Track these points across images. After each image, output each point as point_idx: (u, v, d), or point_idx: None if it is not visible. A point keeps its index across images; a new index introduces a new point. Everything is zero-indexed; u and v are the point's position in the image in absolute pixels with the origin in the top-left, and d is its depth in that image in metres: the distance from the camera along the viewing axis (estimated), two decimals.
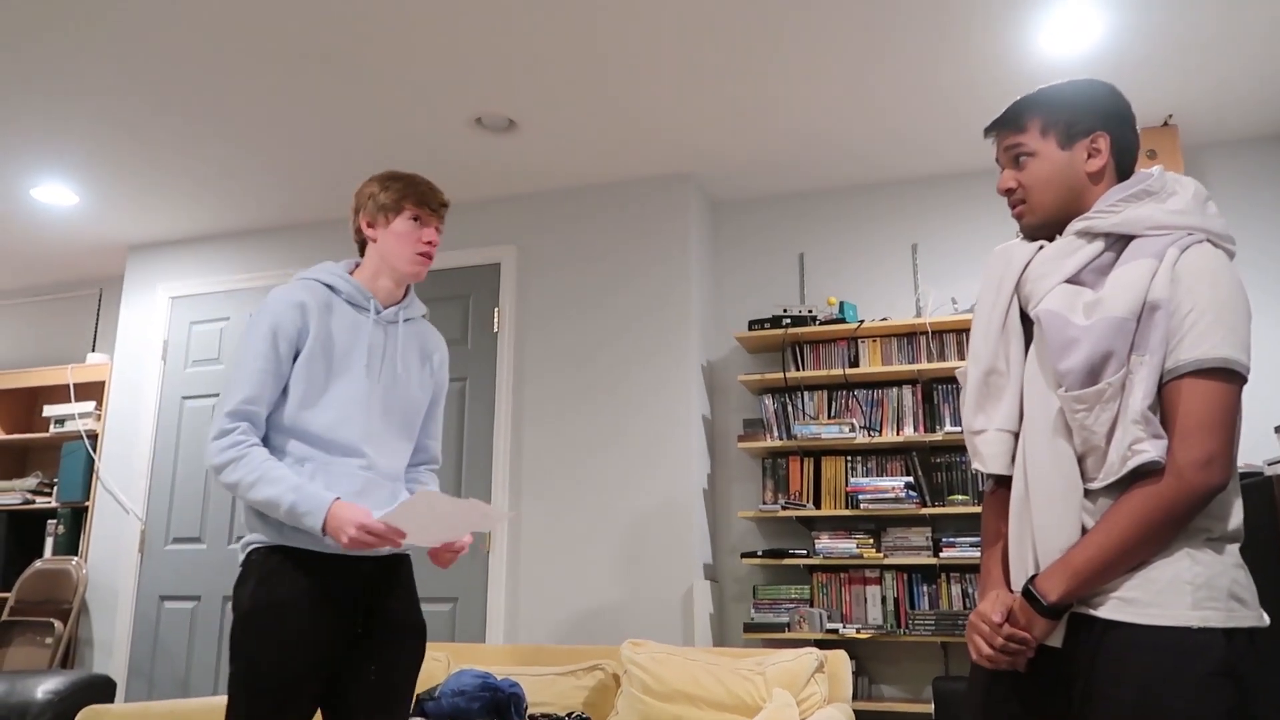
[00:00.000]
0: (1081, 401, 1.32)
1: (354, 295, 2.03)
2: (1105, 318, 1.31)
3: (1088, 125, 1.44)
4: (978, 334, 1.48)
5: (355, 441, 1.96)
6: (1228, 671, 1.23)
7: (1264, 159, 3.88)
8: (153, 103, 3.62)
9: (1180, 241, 1.34)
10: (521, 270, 4.38)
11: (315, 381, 1.94)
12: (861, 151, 4.03)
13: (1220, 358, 1.28)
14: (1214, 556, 1.29)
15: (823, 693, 3.09)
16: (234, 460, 1.86)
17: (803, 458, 3.99)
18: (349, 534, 1.80)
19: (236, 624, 1.86)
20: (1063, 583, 1.29)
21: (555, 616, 3.96)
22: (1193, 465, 1.26)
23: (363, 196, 2.09)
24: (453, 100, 3.63)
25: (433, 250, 2.06)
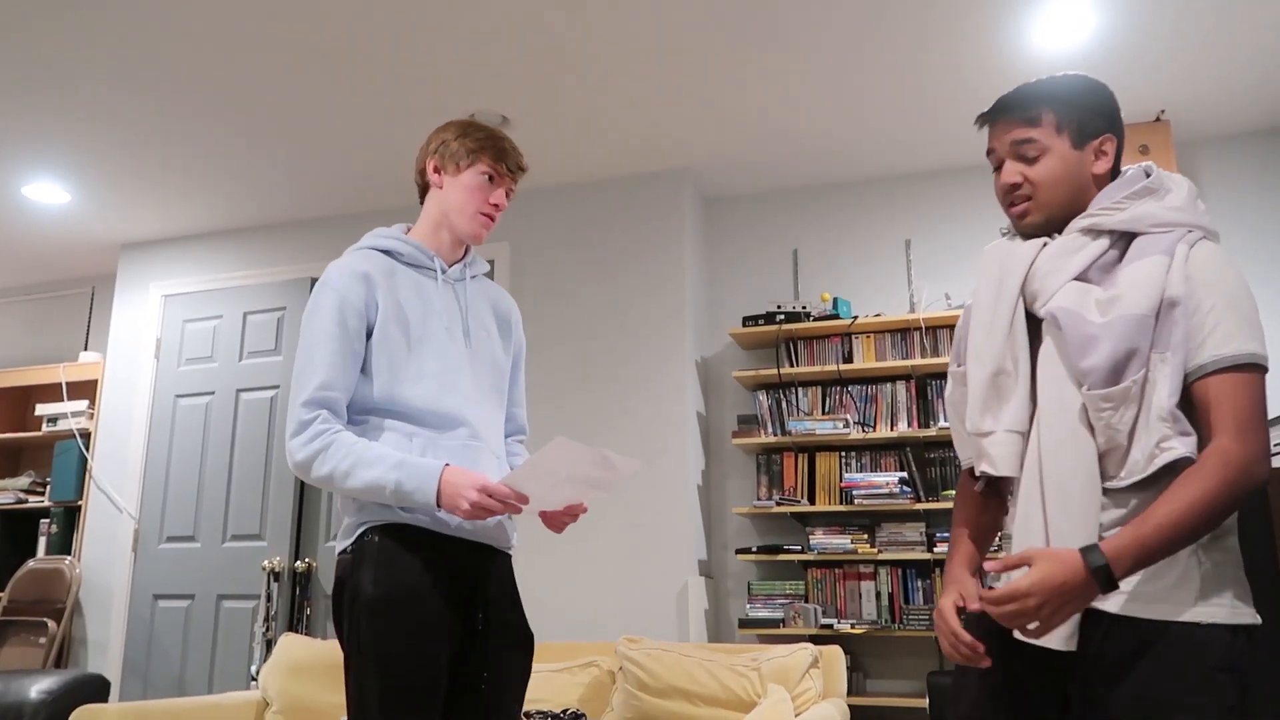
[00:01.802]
0: (1109, 400, 1.31)
1: (417, 256, 1.85)
2: (1125, 315, 1.31)
3: (1098, 127, 1.44)
4: (980, 333, 1.45)
5: (459, 411, 1.79)
6: (1230, 667, 1.24)
7: (1255, 154, 3.89)
8: (145, 101, 3.60)
9: (1186, 238, 1.35)
10: (515, 267, 4.38)
11: (398, 354, 1.76)
12: (855, 147, 4.03)
13: (1249, 353, 1.29)
14: (1219, 554, 1.30)
15: (818, 688, 3.09)
16: (320, 451, 1.66)
17: (797, 453, 3.99)
18: (470, 498, 1.61)
19: (358, 615, 1.64)
20: (1132, 557, 1.22)
21: (550, 613, 3.96)
22: (1255, 458, 1.26)
23: (436, 139, 1.91)
24: (446, 96, 3.62)
25: (498, 214, 1.89)
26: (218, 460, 4.57)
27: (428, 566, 1.69)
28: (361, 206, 4.61)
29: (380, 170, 4.22)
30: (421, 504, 1.65)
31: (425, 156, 1.91)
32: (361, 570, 1.67)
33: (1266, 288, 3.77)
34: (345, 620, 1.67)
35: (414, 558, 1.68)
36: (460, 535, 1.74)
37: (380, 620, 1.63)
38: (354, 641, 1.65)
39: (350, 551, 1.71)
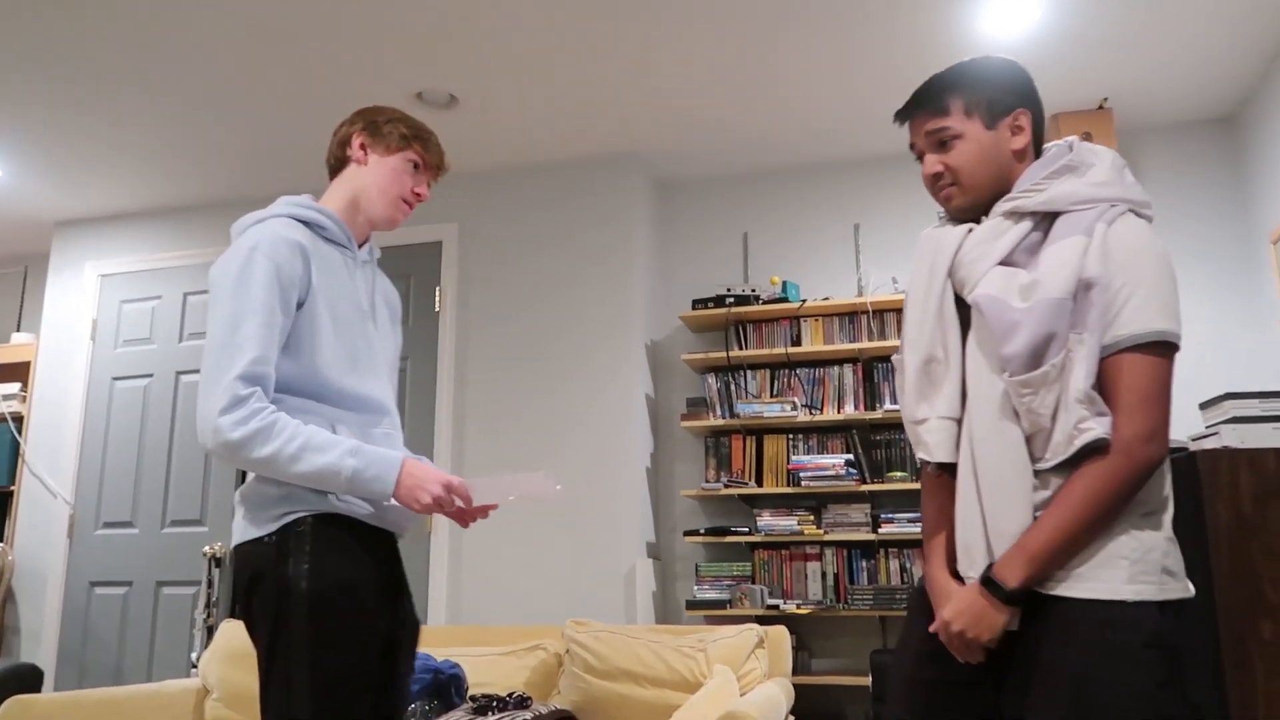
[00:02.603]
0: (1027, 385, 1.32)
1: (337, 234, 1.77)
2: (1043, 299, 1.31)
3: (1009, 103, 1.43)
4: (912, 322, 1.47)
5: (380, 397, 1.73)
6: (1159, 643, 1.26)
7: (1197, 143, 3.97)
8: (81, 75, 3.48)
9: (1106, 215, 1.34)
10: (463, 249, 4.33)
11: (324, 333, 1.67)
12: (805, 133, 4.04)
13: (1156, 331, 1.29)
14: (1149, 530, 1.31)
15: (763, 668, 3.12)
16: (261, 431, 1.54)
17: (745, 436, 4.01)
18: (433, 493, 1.58)
19: (293, 609, 1.55)
20: (1022, 569, 1.29)
21: (498, 597, 3.94)
22: (1138, 440, 1.27)
23: (365, 118, 1.84)
24: (392, 74, 3.55)
25: (416, 204, 1.83)
26: (157, 444, 4.47)
27: (364, 558, 1.63)
28: (305, 185, 4.51)
29: (324, 149, 4.14)
30: (378, 493, 1.59)
31: (350, 131, 1.84)
32: (293, 562, 1.57)
33: (1204, 275, 3.86)
34: (271, 615, 1.56)
35: (351, 549, 1.62)
36: (383, 526, 1.69)
37: (321, 614, 1.55)
38: (286, 637, 1.55)
39: (272, 540, 1.59)
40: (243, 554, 1.62)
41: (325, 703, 1.53)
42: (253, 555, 1.60)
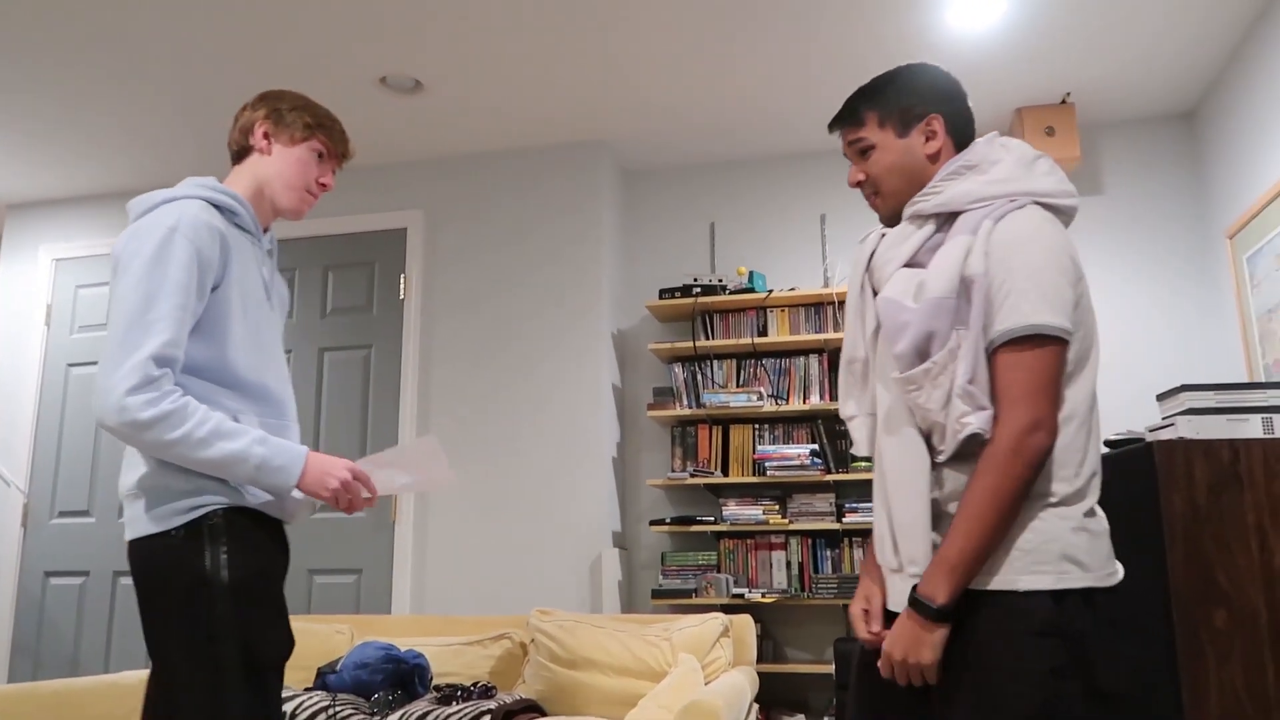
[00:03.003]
0: (911, 382, 1.38)
1: (247, 221, 1.75)
2: (928, 299, 1.36)
3: (920, 110, 1.47)
4: (846, 325, 1.56)
5: (278, 389, 1.74)
6: (1054, 631, 1.29)
7: (1157, 138, 4.03)
8: (35, 56, 3.39)
9: (995, 211, 1.37)
10: (428, 236, 4.29)
11: (236, 320, 1.67)
12: (772, 123, 4.04)
13: (1029, 325, 1.31)
14: (1050, 521, 1.33)
15: (728, 656, 3.14)
16: (172, 414, 1.52)
17: (711, 426, 4.02)
18: (341, 478, 1.62)
19: (211, 601, 1.55)
20: (944, 581, 1.31)
21: (463, 586, 3.93)
22: (1021, 432, 1.30)
23: (268, 105, 1.80)
24: (356, 59, 3.50)
25: (321, 194, 1.83)
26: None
27: (270, 547, 1.67)
28: None
29: None
30: (281, 483, 1.60)
31: (253, 119, 1.80)
32: (209, 554, 1.58)
33: (1162, 268, 3.92)
34: (189, 607, 1.56)
35: (260, 539, 1.65)
36: (280, 516, 1.72)
37: (239, 603, 1.56)
38: (210, 627, 1.55)
39: (180, 534, 1.58)
40: (142, 549, 1.60)
41: (252, 687, 1.56)
42: (156, 550, 1.59)
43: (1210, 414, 2.38)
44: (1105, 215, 4.01)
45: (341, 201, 4.40)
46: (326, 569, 4.07)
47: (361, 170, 4.41)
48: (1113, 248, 3.97)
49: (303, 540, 4.11)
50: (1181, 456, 2.30)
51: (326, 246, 4.36)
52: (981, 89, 3.77)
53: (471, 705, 2.85)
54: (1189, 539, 2.26)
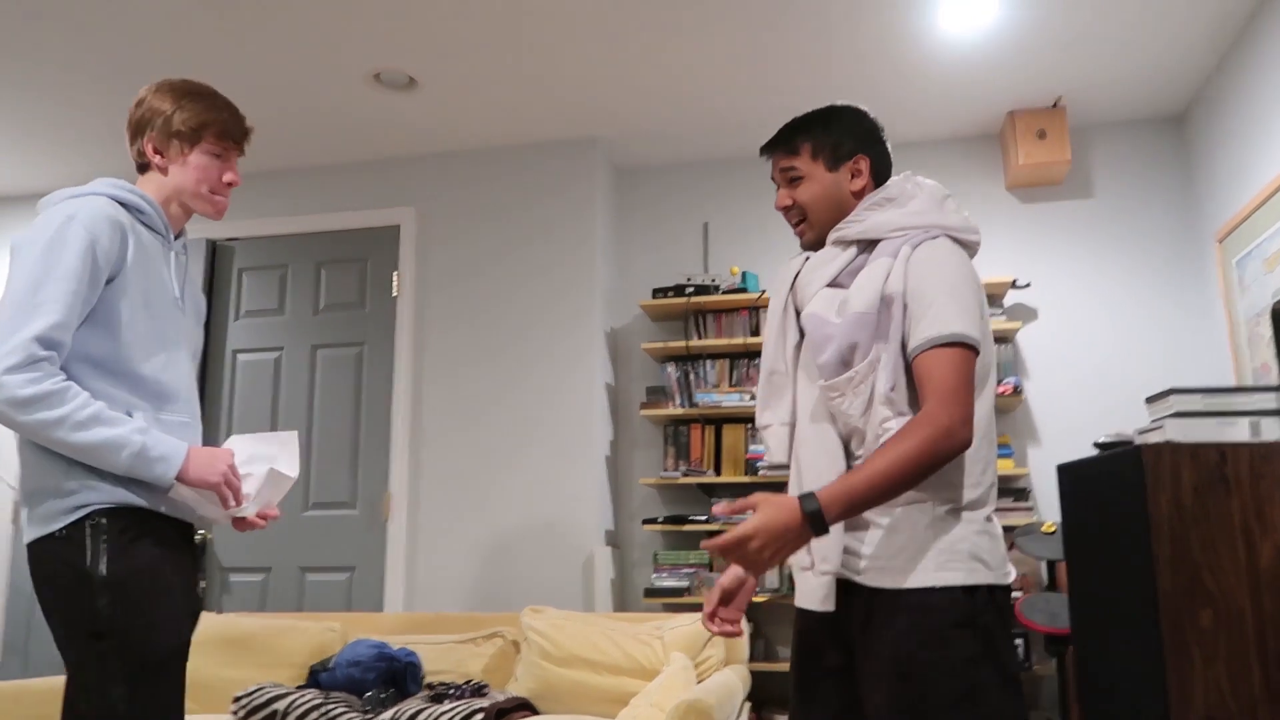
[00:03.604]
0: (834, 389, 1.51)
1: (154, 220, 1.77)
2: (851, 313, 1.50)
3: (850, 149, 1.62)
4: (765, 340, 1.67)
5: (178, 386, 1.75)
6: (968, 623, 1.41)
7: (1148, 141, 4.05)
8: (30, 49, 3.38)
9: (913, 239, 1.51)
10: (421, 233, 4.28)
11: (137, 315, 1.68)
12: (767, 122, 4.05)
13: (951, 332, 1.44)
14: (956, 524, 1.46)
15: (720, 655, 3.16)
16: (53, 394, 1.53)
17: (704, 425, 4.03)
18: (220, 470, 1.63)
19: (96, 597, 1.58)
20: (842, 504, 1.35)
21: (455, 584, 3.93)
22: (958, 421, 1.40)
23: (151, 112, 1.78)
24: (349, 55, 3.50)
25: (231, 189, 1.82)
26: None
27: (160, 547, 1.67)
28: (256, 166, 4.44)
29: (275, 130, 4.07)
30: (159, 473, 1.61)
31: (140, 134, 1.79)
32: (89, 552, 1.60)
33: (1151, 271, 3.94)
34: (74, 606, 1.59)
35: (145, 537, 1.65)
36: (176, 516, 1.73)
37: (122, 601, 1.59)
38: (88, 626, 1.58)
39: (64, 535, 1.60)
40: (35, 551, 1.62)
41: (139, 683, 1.58)
42: (45, 551, 1.61)
43: (1198, 416, 2.40)
44: (1095, 218, 4.03)
45: (334, 198, 4.40)
46: (318, 567, 4.07)
47: (354, 167, 4.41)
48: (1102, 250, 4.00)
49: (295, 538, 4.11)
50: (1169, 459, 2.32)
51: (319, 243, 4.35)
52: (973, 92, 3.79)
53: (464, 703, 2.86)
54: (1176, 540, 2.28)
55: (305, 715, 2.86)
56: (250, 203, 4.48)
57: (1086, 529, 2.74)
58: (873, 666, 1.44)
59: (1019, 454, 3.91)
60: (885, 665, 1.42)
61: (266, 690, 2.98)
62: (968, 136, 4.19)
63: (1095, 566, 2.67)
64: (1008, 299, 4.02)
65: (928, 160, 4.21)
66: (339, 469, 4.13)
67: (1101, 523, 2.62)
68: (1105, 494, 2.60)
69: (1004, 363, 3.86)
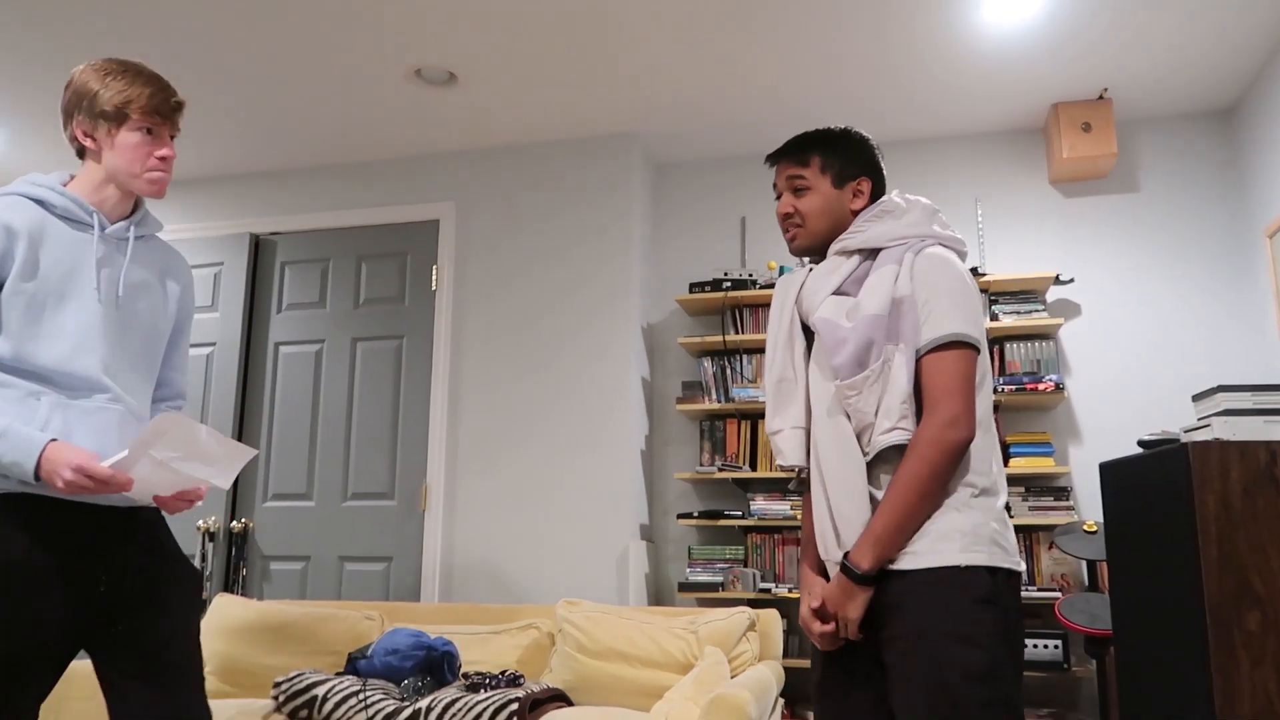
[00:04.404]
0: (852, 388, 1.60)
1: (71, 210, 1.76)
2: (863, 316, 1.60)
3: (855, 171, 1.73)
4: (769, 349, 1.76)
5: (96, 374, 1.74)
6: (992, 599, 1.50)
7: (1195, 135, 3.97)
8: (79, 46, 3.45)
9: (914, 247, 1.63)
10: (460, 228, 4.32)
11: (34, 309, 1.69)
12: (806, 116, 4.03)
13: (950, 333, 1.56)
14: (979, 508, 1.55)
15: (754, 650, 3.15)
16: None
17: (740, 420, 4.02)
18: (65, 477, 1.59)
19: None
20: (870, 551, 1.53)
21: (491, 575, 3.96)
22: (942, 425, 1.52)
23: (77, 94, 1.77)
24: (391, 51, 3.53)
25: (169, 166, 1.80)
26: None
27: (32, 538, 1.65)
28: (303, 161, 4.50)
29: (317, 125, 4.12)
30: (19, 475, 1.61)
31: (70, 118, 1.79)
32: None
33: (1199, 267, 3.87)
34: None
35: (18, 530, 1.64)
36: (88, 501, 1.71)
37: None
38: None
39: None
40: None
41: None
42: None
43: (1247, 415, 2.35)
44: (1141, 213, 3.96)
45: (375, 193, 4.44)
46: (357, 556, 4.13)
47: (395, 162, 4.45)
48: (1148, 245, 3.93)
49: (334, 528, 4.16)
50: (1217, 457, 2.28)
51: (359, 237, 4.40)
52: (1017, 84, 3.74)
53: (499, 693, 2.88)
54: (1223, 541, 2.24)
55: (344, 701, 2.90)
56: (292, 198, 4.54)
57: (1129, 528, 2.70)
58: (901, 644, 1.51)
59: (1060, 452, 3.86)
60: (913, 639, 1.50)
61: (306, 676, 3.02)
62: (1010, 129, 4.14)
63: (1138, 567, 2.63)
64: (1050, 294, 3.96)
65: (969, 154, 4.16)
66: (378, 460, 4.18)
67: (1145, 522, 2.58)
68: (1149, 493, 2.55)
69: (1046, 360, 3.81)
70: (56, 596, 1.67)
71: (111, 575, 1.75)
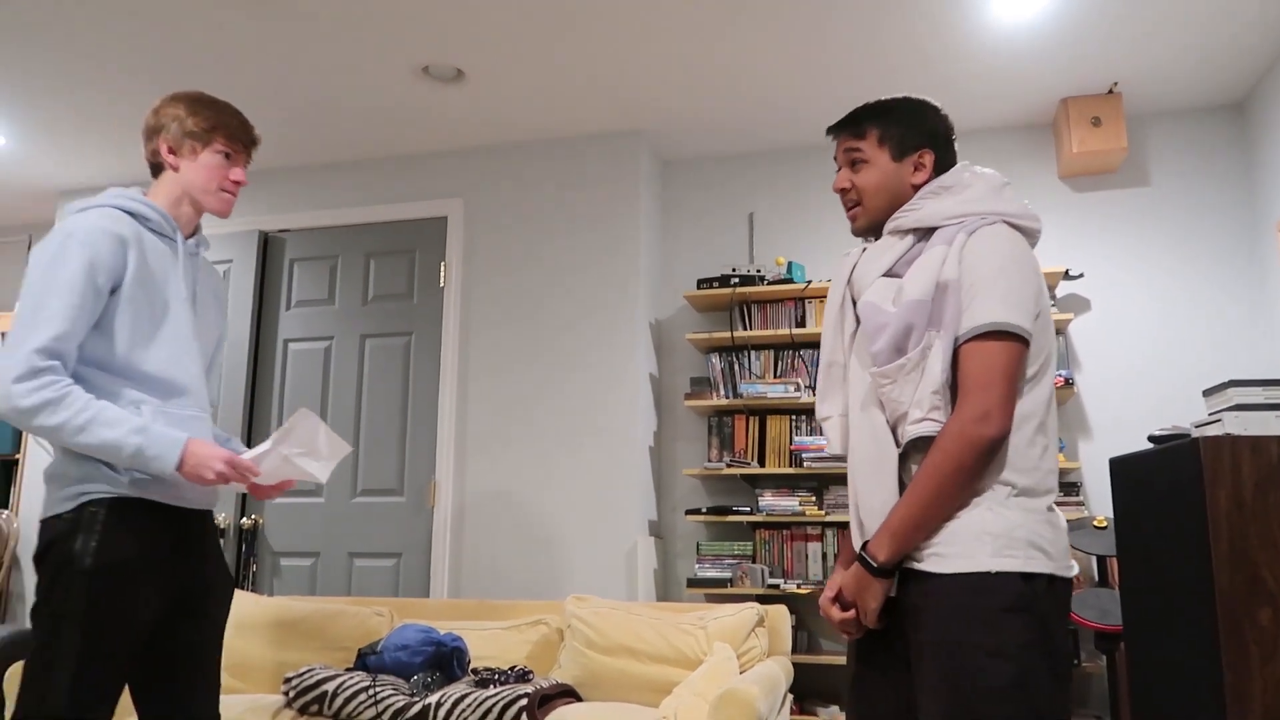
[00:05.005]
0: (886, 376, 1.50)
1: (161, 224, 1.89)
2: (905, 300, 1.49)
3: (917, 142, 1.60)
4: (824, 331, 1.67)
5: (186, 381, 1.87)
6: (1024, 608, 1.39)
7: (1205, 129, 3.95)
8: (84, 45, 3.47)
9: (969, 226, 1.50)
10: (468, 224, 4.32)
11: (141, 319, 1.81)
12: (812, 113, 4.02)
13: (990, 322, 1.44)
14: (1015, 510, 1.44)
15: (763, 646, 3.15)
16: (52, 402, 1.67)
17: (748, 416, 4.02)
18: (217, 469, 1.73)
19: (71, 582, 1.68)
20: (887, 544, 1.46)
21: (499, 571, 3.97)
22: (970, 420, 1.42)
23: (165, 117, 1.92)
24: (399, 48, 3.53)
25: (238, 190, 1.97)
26: None
27: (148, 539, 1.76)
28: (311, 159, 4.50)
29: (325, 123, 4.13)
30: (157, 470, 1.72)
31: (155, 136, 1.93)
32: (79, 538, 1.70)
33: (1210, 261, 3.85)
34: (52, 585, 1.70)
35: (137, 532, 1.75)
36: (179, 504, 1.83)
37: (91, 592, 1.67)
38: (59, 606, 1.68)
39: (67, 518, 1.72)
40: (44, 527, 1.75)
41: (85, 672, 1.66)
42: (50, 529, 1.74)
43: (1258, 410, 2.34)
44: (1151, 207, 3.94)
45: (383, 190, 4.45)
46: (366, 553, 4.14)
47: (402, 159, 4.46)
48: (1159, 240, 3.91)
49: (344, 524, 4.18)
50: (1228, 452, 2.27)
51: (368, 235, 4.41)
52: (1026, 78, 3.72)
53: (509, 689, 2.88)
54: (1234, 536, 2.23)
55: (354, 697, 2.91)
56: (301, 195, 4.55)
57: (1140, 524, 2.69)
58: (926, 650, 1.44)
59: (1070, 447, 3.85)
60: (937, 649, 1.42)
61: (316, 672, 3.03)
62: (1019, 125, 4.12)
63: (1148, 562, 2.62)
64: (1059, 289, 3.95)
65: (978, 148, 4.15)
66: (387, 457, 4.19)
67: (1156, 518, 2.57)
68: (1160, 488, 2.54)
69: (1056, 355, 3.79)
70: (156, 595, 1.77)
71: (185, 575, 1.86)
